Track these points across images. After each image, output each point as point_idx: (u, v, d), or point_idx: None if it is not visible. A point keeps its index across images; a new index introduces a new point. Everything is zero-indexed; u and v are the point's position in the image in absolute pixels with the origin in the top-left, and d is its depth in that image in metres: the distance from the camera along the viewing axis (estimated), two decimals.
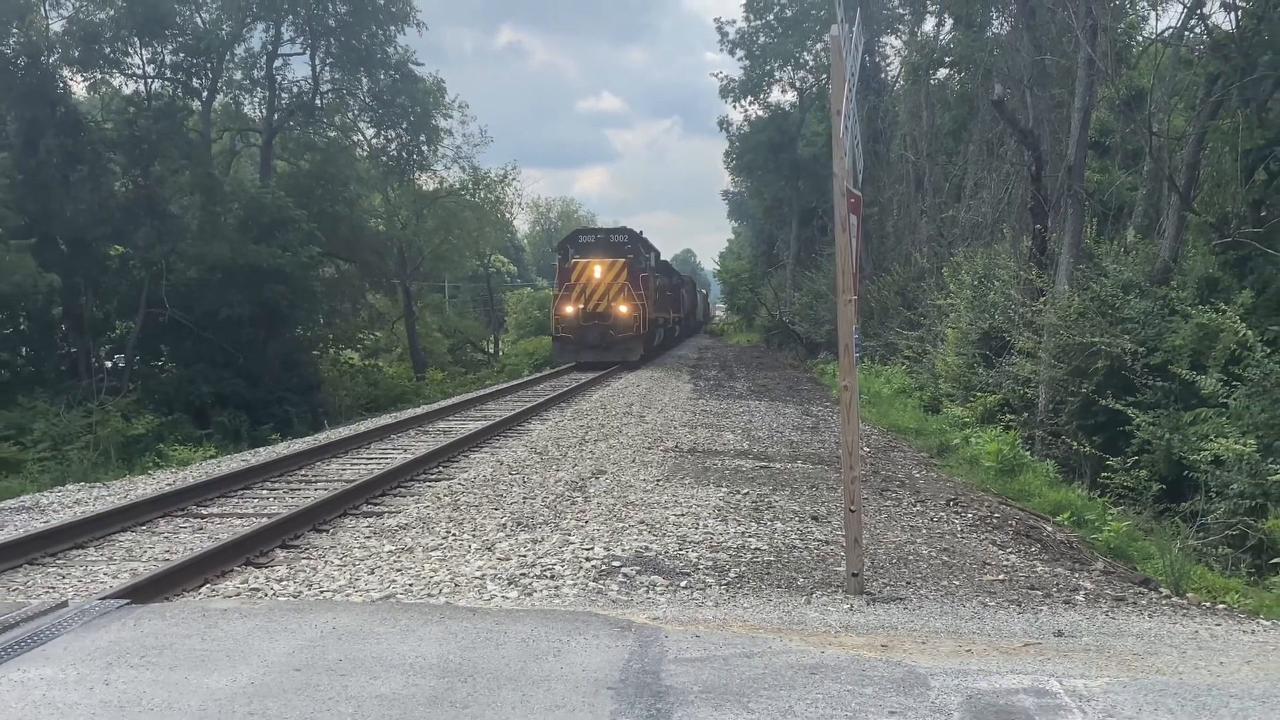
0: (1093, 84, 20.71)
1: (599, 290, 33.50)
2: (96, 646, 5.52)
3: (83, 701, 4.71)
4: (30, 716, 4.53)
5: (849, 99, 6.81)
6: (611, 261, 33.80)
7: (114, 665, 5.19)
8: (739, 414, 19.67)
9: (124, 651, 5.42)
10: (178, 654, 5.40)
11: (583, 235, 37.11)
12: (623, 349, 33.30)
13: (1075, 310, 17.00)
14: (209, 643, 5.59)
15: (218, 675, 5.07)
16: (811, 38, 50.10)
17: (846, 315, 6.99)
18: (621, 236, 35.91)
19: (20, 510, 11.25)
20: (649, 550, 8.29)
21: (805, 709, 4.70)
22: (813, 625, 6.28)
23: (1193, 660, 5.69)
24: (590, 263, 33.83)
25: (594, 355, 32.93)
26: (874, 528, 9.33)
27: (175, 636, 5.71)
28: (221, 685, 4.93)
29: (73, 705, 4.67)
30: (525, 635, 5.74)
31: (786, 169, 53.97)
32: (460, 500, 10.56)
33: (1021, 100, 24.91)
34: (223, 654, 5.41)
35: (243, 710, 4.63)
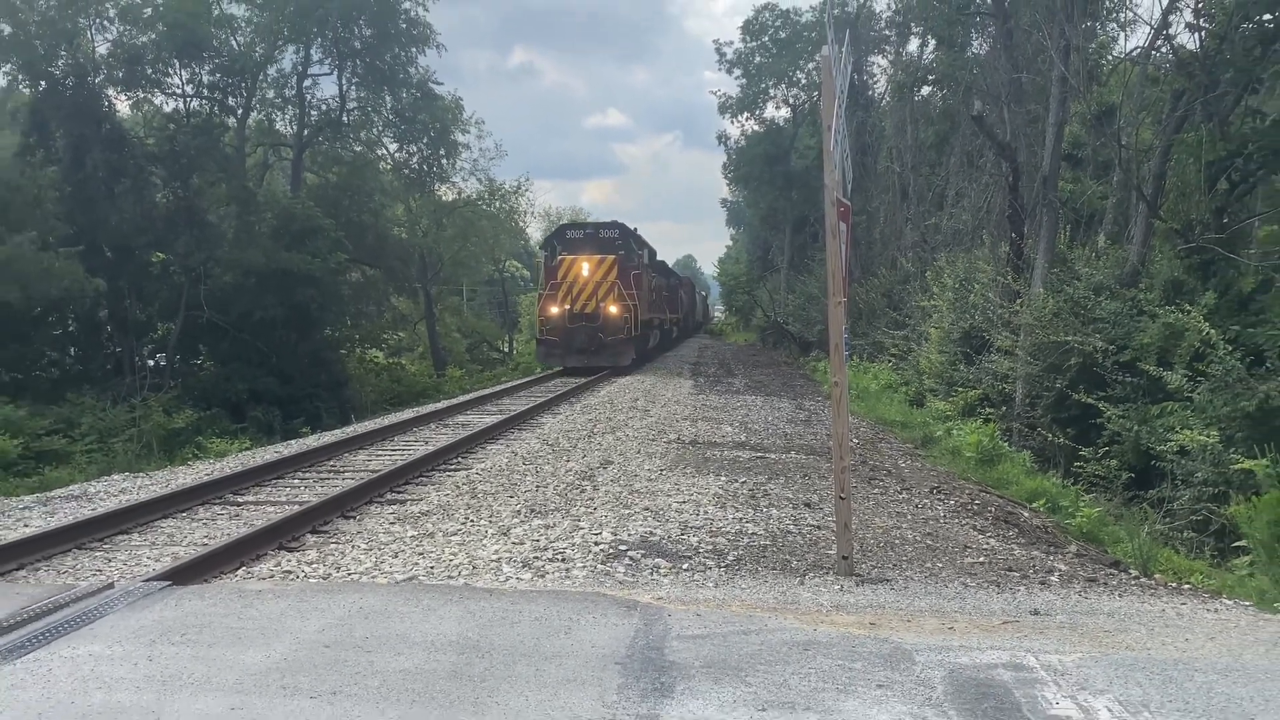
0: (1066, 100, 20.69)
1: (587, 289, 29.40)
2: (140, 625, 5.53)
3: (128, 676, 4.72)
4: (79, 690, 4.54)
5: (839, 115, 6.80)
6: (601, 258, 29.72)
7: (156, 642, 5.20)
8: (737, 408, 19.66)
9: (166, 629, 5.43)
10: (216, 632, 5.41)
11: (570, 230, 32.89)
12: (613, 353, 29.18)
13: (1050, 311, 16.98)
14: (245, 621, 5.60)
15: (253, 651, 5.07)
16: (804, 58, 50.18)
17: (837, 316, 6.98)
18: (612, 232, 31.93)
19: (69, 498, 11.27)
20: (653, 535, 8.28)
21: (799, 682, 4.69)
22: (806, 605, 6.28)
23: (1160, 637, 5.68)
24: (578, 259, 29.71)
25: (581, 360, 29.01)
26: (863, 514, 9.32)
27: (213, 615, 5.71)
28: (256, 661, 4.93)
29: (119, 679, 4.67)
30: (538, 614, 5.74)
31: (780, 180, 54.10)
32: (478, 489, 10.56)
33: (1000, 115, 24.87)
34: (257, 632, 5.41)
35: (276, 684, 4.63)
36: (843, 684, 4.67)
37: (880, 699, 4.50)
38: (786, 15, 52.27)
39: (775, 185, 55.35)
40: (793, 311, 45.75)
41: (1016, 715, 4.34)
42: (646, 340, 34.35)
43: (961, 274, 23.14)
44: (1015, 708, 4.42)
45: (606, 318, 29.13)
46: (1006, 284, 19.96)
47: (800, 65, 51.27)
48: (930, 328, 23.62)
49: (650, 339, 36.16)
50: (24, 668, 4.83)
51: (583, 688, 4.58)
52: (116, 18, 30.49)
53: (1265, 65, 15.95)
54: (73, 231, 27.53)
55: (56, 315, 29.58)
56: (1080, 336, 15.62)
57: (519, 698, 4.46)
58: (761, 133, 56.85)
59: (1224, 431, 11.59)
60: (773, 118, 56.63)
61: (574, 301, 29.29)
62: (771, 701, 4.45)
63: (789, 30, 51.75)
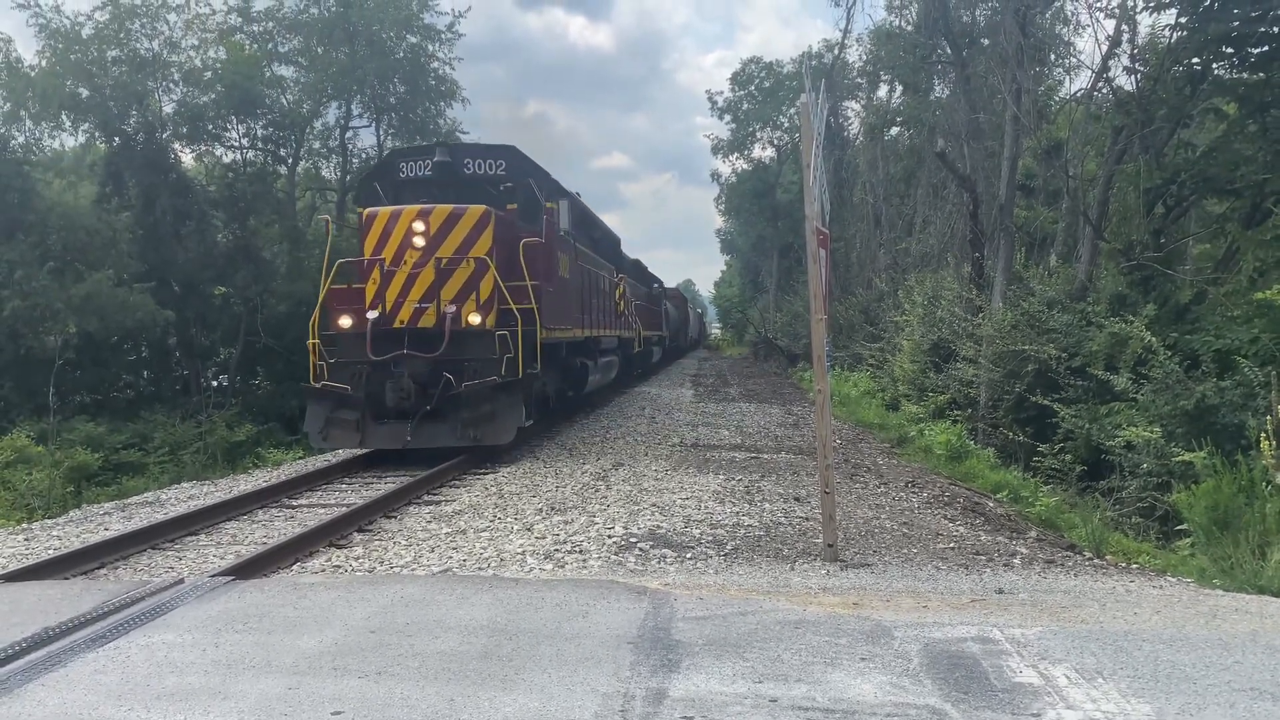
0: (1019, 137, 20.72)
1: (422, 277, 12.75)
2: (208, 615, 5.53)
3: (197, 661, 4.72)
4: (154, 674, 4.54)
5: (817, 154, 6.82)
6: (456, 214, 12.95)
7: (222, 631, 5.20)
8: (733, 414, 19.63)
9: (230, 619, 5.43)
10: (274, 620, 5.41)
11: (407, 161, 15.24)
12: (473, 419, 12.33)
13: (1009, 323, 16.96)
14: (300, 611, 5.60)
15: (307, 637, 5.07)
16: (786, 104, 50.30)
17: (819, 331, 6.98)
18: (491, 164, 14.72)
19: (144, 504, 11.29)
20: (660, 528, 8.27)
21: (791, 657, 4.68)
22: (796, 588, 6.26)
23: (1112, 611, 5.66)
24: (406, 214, 12.93)
25: (393, 439, 12.44)
26: (845, 506, 9.30)
27: (272, 606, 5.72)
28: (310, 646, 4.93)
29: (189, 664, 4.68)
30: (559, 600, 5.74)
31: (768, 211, 54.44)
32: (504, 490, 10.55)
33: (960, 151, 24.90)
34: (311, 620, 5.41)
35: (328, 666, 4.63)
36: (830, 658, 4.66)
37: (863, 670, 4.49)
38: (770, 67, 52.46)
39: (763, 216, 55.71)
40: (781, 328, 45.74)
41: (985, 683, 4.32)
42: (577, 381, 17.54)
43: (930, 292, 23.10)
44: (984, 676, 4.40)
45: (463, 337, 12.58)
46: (970, 300, 19.93)
47: (783, 110, 51.37)
48: (903, 340, 23.57)
49: (596, 373, 18.87)
50: (105, 655, 4.84)
51: (599, 665, 4.58)
52: (181, 80, 30.66)
53: (1195, 103, 15.98)
54: (145, 269, 27.61)
55: (131, 343, 29.64)
56: (1036, 345, 15.60)
57: (543, 675, 4.46)
58: (750, 170, 57.12)
59: (1165, 428, 11.55)
60: (759, 157, 56.84)
61: (387, 303, 12.71)
62: (767, 674, 4.44)
63: (772, 80, 51.91)
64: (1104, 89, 19.87)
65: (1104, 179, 17.86)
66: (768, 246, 59.12)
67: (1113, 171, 17.56)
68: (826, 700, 4.12)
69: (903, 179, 33.77)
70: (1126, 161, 17.40)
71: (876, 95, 37.96)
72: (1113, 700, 4.10)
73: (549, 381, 14.83)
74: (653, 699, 4.15)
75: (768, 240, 57.91)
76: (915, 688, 4.27)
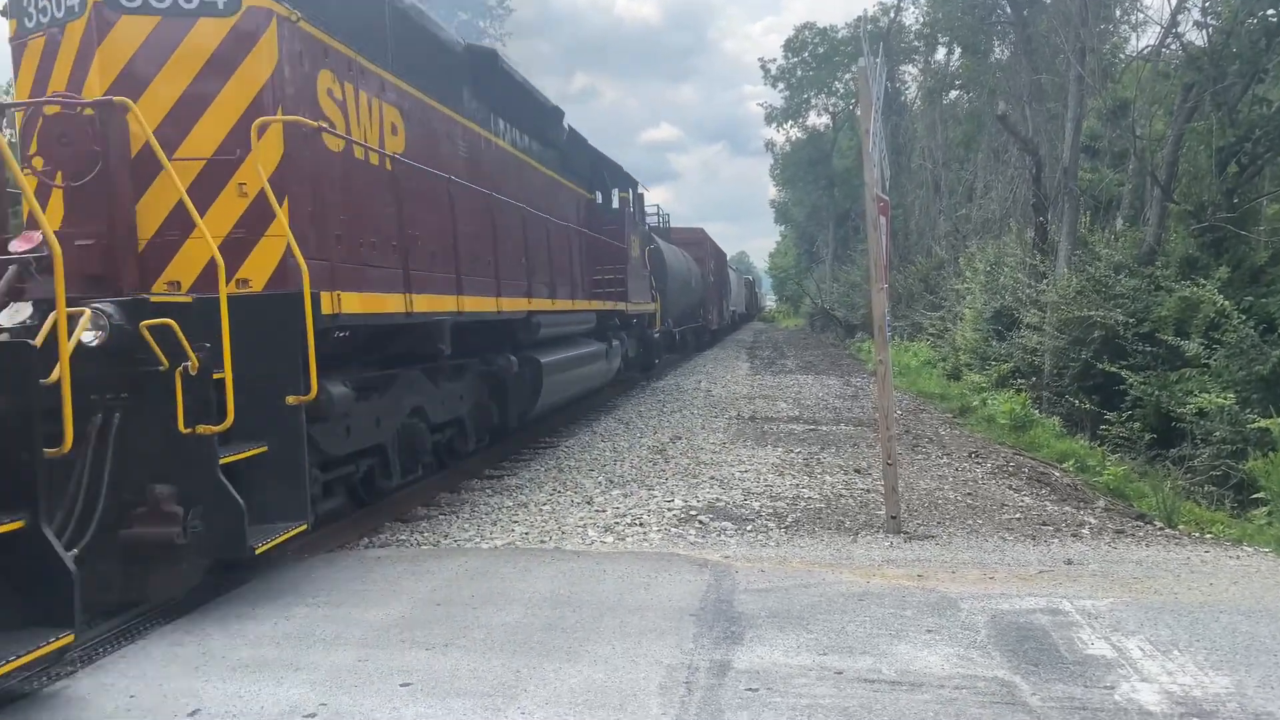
0: (1083, 98, 20.19)
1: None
2: (279, 589, 5.65)
3: (269, 633, 4.83)
4: (229, 646, 4.65)
5: (876, 119, 6.71)
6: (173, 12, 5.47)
7: (293, 604, 5.32)
8: (790, 386, 19.51)
9: (301, 592, 5.55)
10: (343, 593, 5.51)
11: None
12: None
13: (1074, 289, 16.60)
14: (367, 584, 5.70)
15: (375, 610, 5.16)
16: (841, 69, 49.45)
17: (880, 300, 6.89)
18: None
19: None
20: (719, 501, 8.27)
21: (855, 629, 4.66)
22: (859, 560, 6.22)
23: (1186, 582, 5.54)
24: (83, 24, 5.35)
25: None
26: (907, 478, 9.19)
27: (341, 579, 5.83)
28: (378, 618, 5.02)
29: (262, 636, 4.79)
30: (621, 573, 5.77)
31: (823, 180, 53.80)
32: (563, 463, 10.61)
33: (1022, 114, 24.37)
34: (378, 593, 5.51)
35: (396, 638, 4.71)
36: (895, 630, 4.63)
37: (929, 642, 4.45)
38: (824, 32, 51.55)
39: (818, 185, 55.09)
40: (838, 298, 45.24)
41: (1055, 655, 4.26)
42: (534, 386, 10.85)
43: (992, 259, 22.68)
44: (1054, 648, 4.34)
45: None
46: (1033, 266, 19.54)
47: (838, 76, 50.53)
48: (964, 308, 23.21)
49: (565, 369, 11.95)
50: (182, 627, 4.97)
51: (663, 637, 4.60)
52: None
53: (1270, 56, 15.42)
54: None
55: None
56: (1102, 311, 15.27)
57: (607, 646, 4.49)
58: (804, 139, 56.46)
59: (1240, 394, 11.27)
60: (814, 124, 56.11)
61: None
62: (832, 647, 4.42)
63: (826, 45, 51.01)
64: (1173, 45, 19.29)
65: (1173, 138, 17.34)
66: (823, 215, 58.49)
67: (1182, 130, 17.05)
68: (893, 672, 4.10)
69: (962, 143, 33.10)
70: (1197, 120, 16.88)
71: (934, 58, 37.30)
72: (1189, 673, 4.02)
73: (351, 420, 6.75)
74: (717, 671, 4.16)
75: (823, 209, 57.28)
76: (983, 660, 4.22)
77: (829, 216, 56.43)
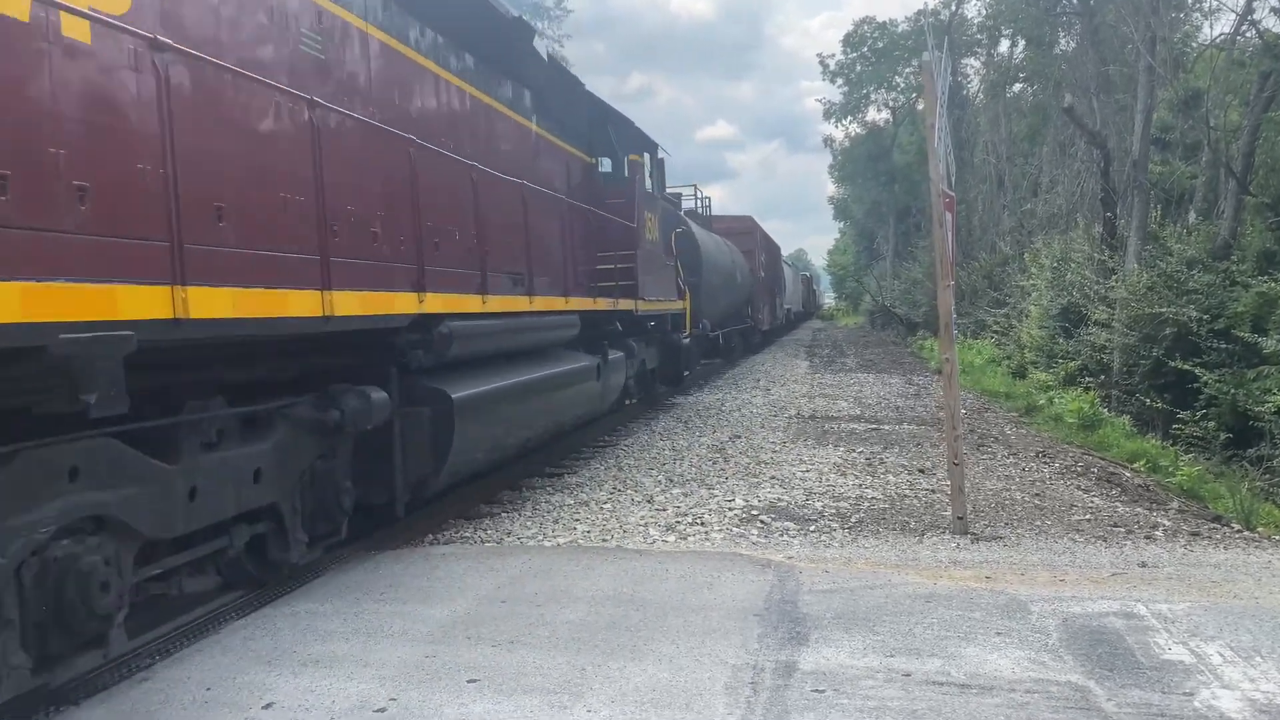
0: (1153, 88, 19.71)
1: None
2: (347, 585, 5.75)
3: (339, 629, 4.92)
4: (300, 640, 4.74)
5: (941, 114, 6.62)
6: None
7: (361, 600, 5.41)
8: (850, 385, 19.33)
9: (368, 589, 5.64)
10: (409, 590, 5.59)
11: None
12: None
13: (1144, 285, 16.22)
14: (433, 581, 5.77)
15: (440, 607, 5.23)
16: (901, 64, 48.84)
17: (946, 298, 6.81)
18: None
19: None
20: (781, 501, 8.23)
21: (923, 631, 4.60)
22: (925, 561, 6.15)
23: (1268, 586, 5.38)
24: None
25: None
26: (973, 478, 9.06)
27: (406, 576, 5.91)
28: (444, 615, 5.08)
29: (332, 631, 4.87)
30: (683, 572, 5.77)
31: (883, 176, 53.22)
32: (623, 462, 10.64)
33: (1089, 106, 23.85)
34: (443, 589, 5.58)
35: (462, 634, 4.77)
36: (964, 632, 4.57)
37: (999, 645, 4.39)
38: (883, 27, 50.94)
39: (878, 181, 54.50)
40: (899, 295, 44.70)
41: (1130, 660, 4.17)
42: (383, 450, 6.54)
43: (1058, 254, 22.25)
44: (1129, 653, 4.25)
45: None
46: (1102, 262, 19.12)
47: (898, 71, 49.92)
48: (1030, 305, 22.80)
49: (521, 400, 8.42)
50: (254, 622, 5.08)
51: (727, 637, 4.59)
52: None
53: None
54: None
55: None
56: (1175, 308, 14.90)
57: (671, 645, 4.50)
58: (864, 134, 55.87)
59: None
60: (874, 120, 55.49)
61: None
62: (899, 649, 4.38)
63: (886, 40, 50.43)
64: (1248, 32, 18.72)
65: (1249, 129, 16.87)
66: (884, 212, 57.87)
67: (1259, 120, 16.58)
68: (962, 675, 4.05)
69: (1026, 137, 32.52)
70: (1275, 109, 16.37)
71: (997, 51, 36.65)
72: (1273, 680, 3.91)
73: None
74: (783, 671, 4.14)
75: (884, 205, 56.66)
76: (1055, 664, 4.15)
77: (889, 212, 55.84)
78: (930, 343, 27.70)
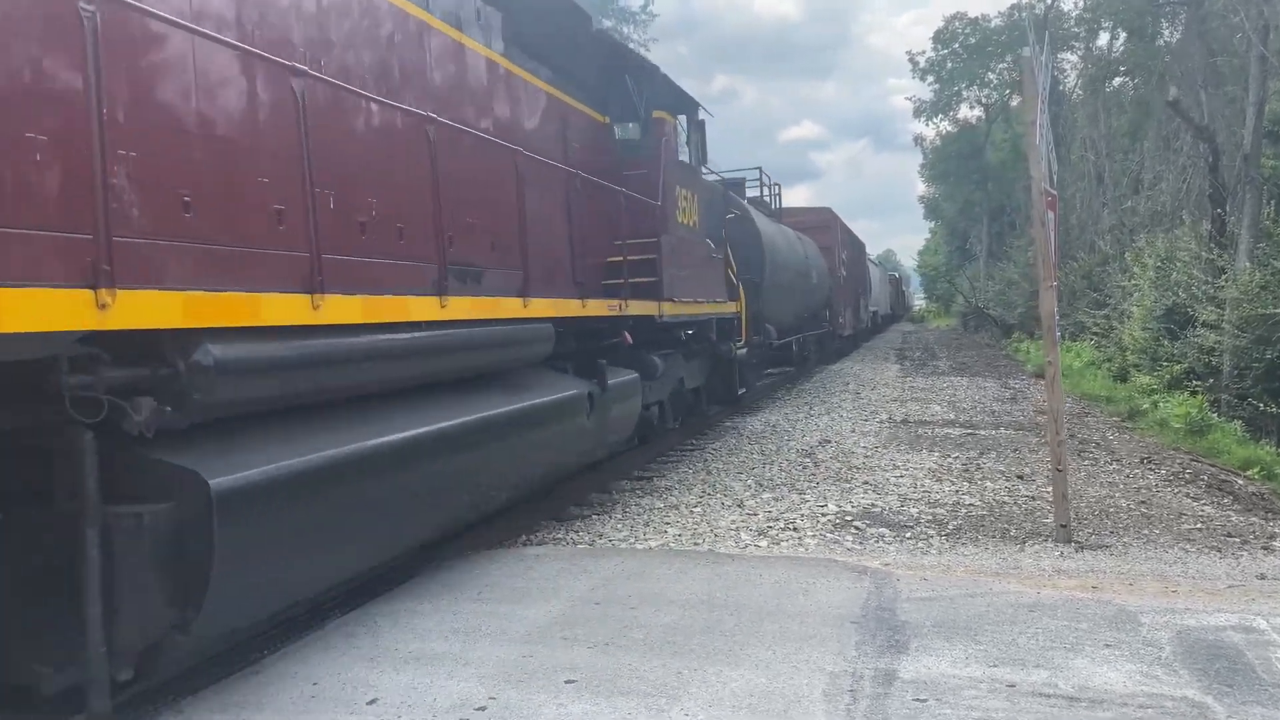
0: (1266, 79, 18.89)
1: None
2: (444, 583, 5.86)
3: (436, 628, 5.00)
4: (400, 638, 4.84)
5: (1042, 110, 6.46)
6: None
7: (459, 599, 5.50)
8: (943, 389, 18.95)
9: (464, 588, 5.73)
10: (504, 590, 5.67)
11: None
12: None
13: (1257, 284, 15.53)
14: (528, 581, 5.85)
15: (535, 607, 5.29)
16: (993, 60, 47.78)
17: (1048, 299, 6.63)
18: None
19: None
20: (875, 507, 8.12)
21: (1027, 641, 4.49)
22: (1027, 570, 6.00)
23: None
24: None
25: None
26: (1075, 484, 8.78)
27: (501, 576, 5.99)
28: (539, 615, 5.14)
29: (430, 630, 4.96)
30: (777, 578, 5.73)
31: (976, 174, 52.28)
32: (710, 466, 10.62)
33: (1195, 99, 22.96)
34: (538, 590, 5.64)
35: (557, 635, 4.82)
36: (1070, 643, 4.44)
37: (1109, 658, 4.25)
38: (975, 22, 49.93)
39: (971, 179, 53.57)
40: (993, 296, 43.65)
41: (1251, 676, 4.00)
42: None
43: (1162, 253, 21.45)
44: (1249, 669, 4.08)
45: None
46: (1210, 261, 18.38)
47: (990, 67, 48.86)
48: (1132, 306, 22.03)
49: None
50: (355, 620, 5.21)
51: (824, 644, 4.55)
52: None
53: None
54: None
55: None
56: None
57: (767, 651, 4.47)
58: (955, 132, 54.94)
59: None
60: (965, 117, 54.44)
61: None
62: (1002, 659, 4.28)
63: (978, 36, 49.42)
64: None
65: None
66: (976, 211, 56.65)
67: None
68: (1070, 688, 3.93)
69: (1127, 133, 31.49)
70: None
71: (1096, 44, 35.58)
72: None
73: None
74: (882, 680, 4.08)
75: (976, 204, 55.48)
76: (1170, 678, 4.00)
77: (982, 212, 54.63)
78: (1026, 345, 27.03)
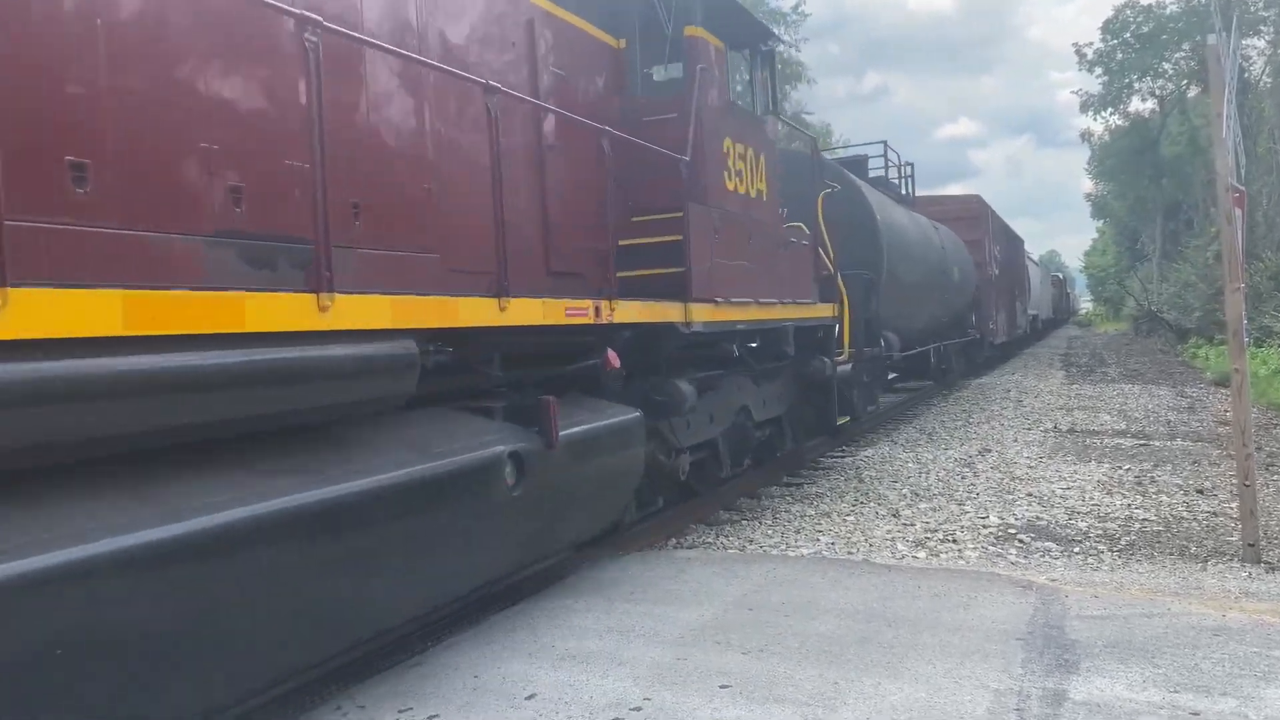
0: None
1: None
2: (598, 582, 5.96)
3: (593, 626, 5.10)
4: (558, 635, 4.95)
5: (1229, 101, 6.07)
6: None
7: (613, 599, 5.58)
8: (1113, 397, 17.99)
9: (618, 589, 5.81)
10: (657, 592, 5.72)
11: None
12: None
13: None
14: (679, 584, 5.88)
15: (688, 610, 5.31)
16: (1169, 49, 45.09)
17: (1235, 301, 6.22)
18: None
19: None
20: (1040, 520, 7.80)
21: (1212, 667, 4.22)
22: (1211, 590, 5.64)
23: None
24: None
25: None
26: (1263, 500, 8.20)
27: (654, 578, 6.04)
28: (691, 618, 5.16)
29: (586, 628, 5.06)
30: (936, 590, 5.58)
31: (1149, 170, 49.38)
32: (863, 474, 10.42)
33: None
34: (690, 593, 5.67)
35: (710, 639, 4.83)
36: (1262, 672, 4.15)
37: None
38: (1149, 10, 47.23)
39: (1143, 175, 50.63)
40: (1167, 299, 41.19)
41: None
42: None
43: None
44: None
45: None
46: None
47: (1165, 56, 46.11)
48: None
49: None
50: (514, 615, 5.36)
51: (987, 660, 4.40)
52: None
53: None
54: None
55: None
56: None
57: (928, 665, 4.36)
58: (1126, 126, 52.00)
59: None
60: (1137, 110, 51.50)
61: None
62: (1184, 684, 4.04)
63: (1152, 23, 46.73)
64: None
65: None
66: (1149, 209, 53.65)
67: None
68: (1261, 719, 3.68)
69: None
70: None
71: None
72: None
73: None
74: (1050, 700, 3.92)
75: (1149, 201, 52.53)
76: None
77: (1156, 209, 51.71)
78: (1204, 350, 25.38)
